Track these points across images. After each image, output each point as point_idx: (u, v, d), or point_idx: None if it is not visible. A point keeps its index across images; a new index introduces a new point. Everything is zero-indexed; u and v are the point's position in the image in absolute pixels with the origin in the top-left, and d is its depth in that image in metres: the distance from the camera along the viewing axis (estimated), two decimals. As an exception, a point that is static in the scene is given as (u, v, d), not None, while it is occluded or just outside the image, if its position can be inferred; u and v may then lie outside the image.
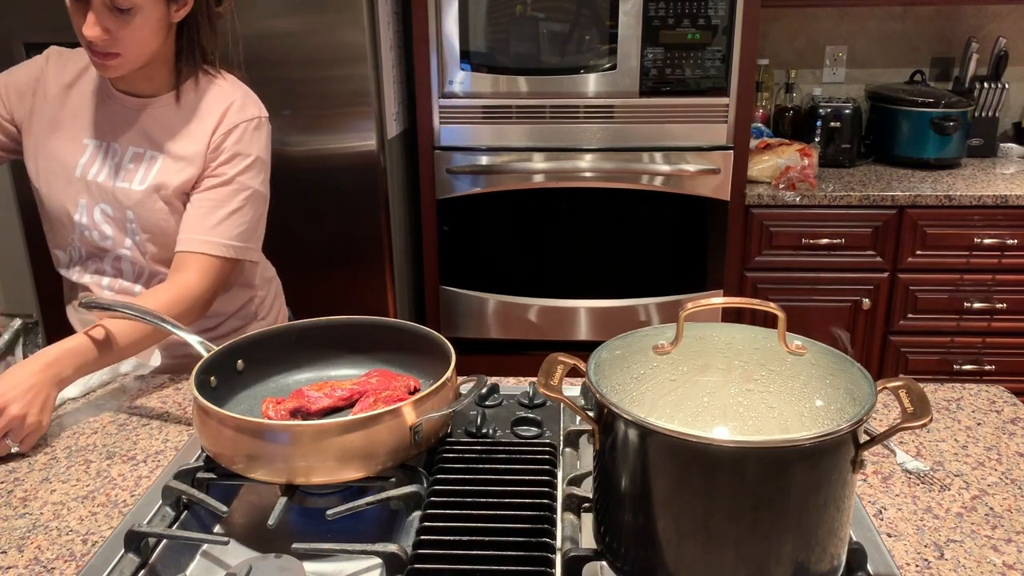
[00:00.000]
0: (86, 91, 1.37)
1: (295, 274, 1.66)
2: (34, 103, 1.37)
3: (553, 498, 0.93)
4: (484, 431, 1.07)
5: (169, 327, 1.16)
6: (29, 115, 1.37)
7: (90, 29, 1.21)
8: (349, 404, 1.09)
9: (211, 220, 1.34)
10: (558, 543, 0.87)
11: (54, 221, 1.40)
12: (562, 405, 1.09)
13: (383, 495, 0.92)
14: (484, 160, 2.42)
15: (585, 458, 1.05)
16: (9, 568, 0.89)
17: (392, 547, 0.83)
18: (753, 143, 2.57)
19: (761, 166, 2.54)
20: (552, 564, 0.83)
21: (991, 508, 0.98)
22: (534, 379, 1.25)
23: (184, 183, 1.34)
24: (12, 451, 1.11)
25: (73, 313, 1.49)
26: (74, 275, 1.43)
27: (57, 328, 2.42)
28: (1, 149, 1.41)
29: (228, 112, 1.36)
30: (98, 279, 1.42)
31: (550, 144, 2.39)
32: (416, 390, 1.09)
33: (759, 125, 2.80)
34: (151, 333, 1.26)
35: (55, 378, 1.16)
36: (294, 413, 1.05)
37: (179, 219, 1.36)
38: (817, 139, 2.73)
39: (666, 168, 2.37)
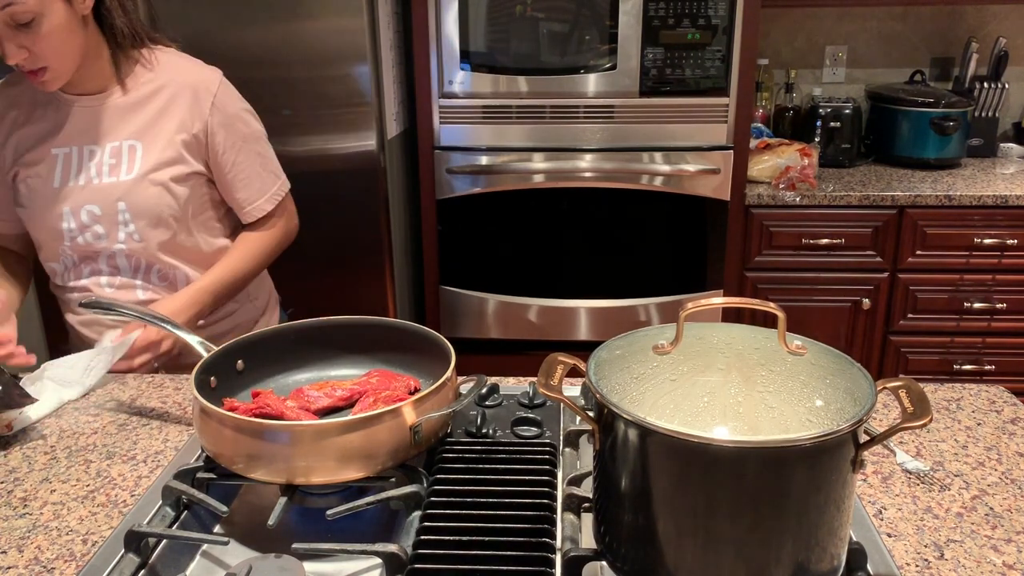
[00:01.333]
0: (33, 106, 1.38)
1: (295, 274, 1.66)
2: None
3: (553, 498, 0.93)
4: (484, 431, 1.07)
5: (168, 327, 1.16)
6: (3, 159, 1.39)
7: (13, 55, 1.23)
8: (349, 404, 1.09)
9: (259, 181, 1.45)
10: (558, 543, 0.87)
11: (43, 237, 1.41)
12: (562, 405, 1.09)
13: (383, 495, 0.92)
14: (484, 160, 2.42)
15: (585, 458, 1.05)
16: (9, 568, 0.89)
17: (392, 547, 0.83)
18: (753, 143, 2.57)
19: (761, 166, 2.54)
20: (552, 564, 0.83)
21: (991, 508, 0.98)
22: (534, 379, 1.25)
23: (171, 160, 1.37)
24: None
25: (74, 322, 1.49)
26: (71, 281, 1.44)
27: (57, 329, 2.42)
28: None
29: (198, 90, 1.39)
30: (96, 279, 1.42)
31: (550, 144, 2.39)
32: (416, 390, 1.09)
33: (759, 125, 2.80)
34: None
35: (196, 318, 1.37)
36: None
37: (172, 199, 1.37)
38: (817, 139, 2.73)
39: (666, 168, 2.37)
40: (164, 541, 0.90)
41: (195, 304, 1.39)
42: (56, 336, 2.44)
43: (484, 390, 1.17)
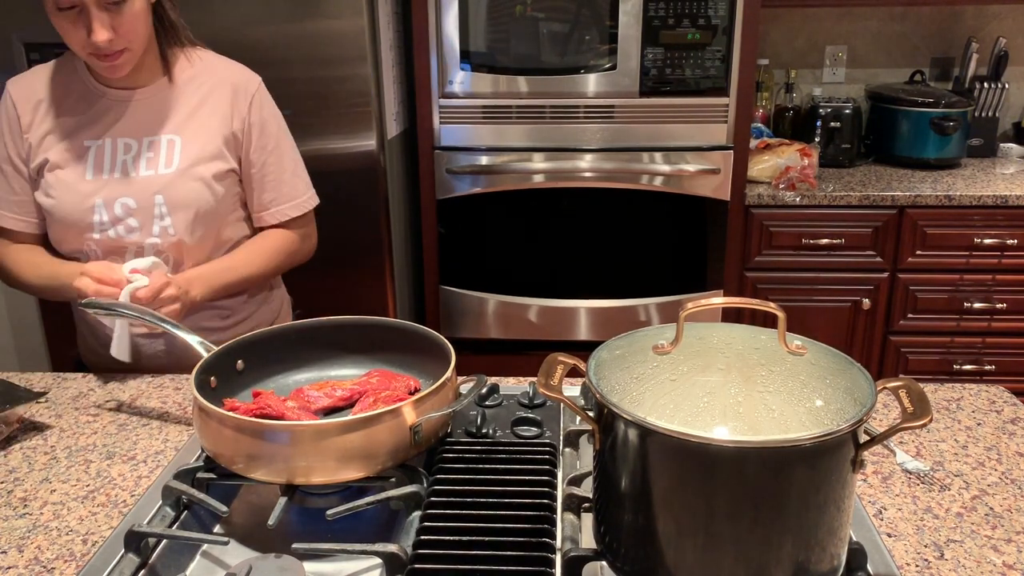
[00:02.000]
0: (67, 98, 1.38)
1: (295, 274, 1.66)
2: (26, 138, 1.37)
3: (553, 498, 0.93)
4: (484, 431, 1.07)
5: (168, 327, 1.16)
6: (28, 150, 1.38)
7: (100, 34, 1.22)
8: (349, 404, 1.09)
9: (286, 186, 1.47)
10: (558, 543, 0.87)
11: (66, 229, 1.38)
12: (562, 405, 1.09)
13: (383, 495, 0.92)
14: (484, 160, 2.42)
15: (585, 458, 1.05)
16: (9, 568, 0.89)
17: (392, 547, 0.83)
18: (753, 143, 2.57)
19: (761, 166, 2.54)
20: (552, 564, 0.83)
21: (991, 508, 0.98)
22: (534, 379, 1.25)
23: (211, 156, 1.38)
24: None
25: (89, 316, 1.46)
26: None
27: (57, 328, 2.43)
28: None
29: (238, 89, 1.41)
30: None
31: (550, 144, 2.39)
32: (416, 390, 1.09)
33: (759, 125, 2.80)
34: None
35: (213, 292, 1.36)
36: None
37: (211, 194, 1.38)
38: (817, 139, 2.73)
39: (666, 168, 2.37)
40: (164, 541, 0.90)
41: (216, 275, 1.39)
42: (56, 335, 2.44)
43: (484, 390, 1.17)
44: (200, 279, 1.35)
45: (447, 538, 0.85)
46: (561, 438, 1.08)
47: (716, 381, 0.76)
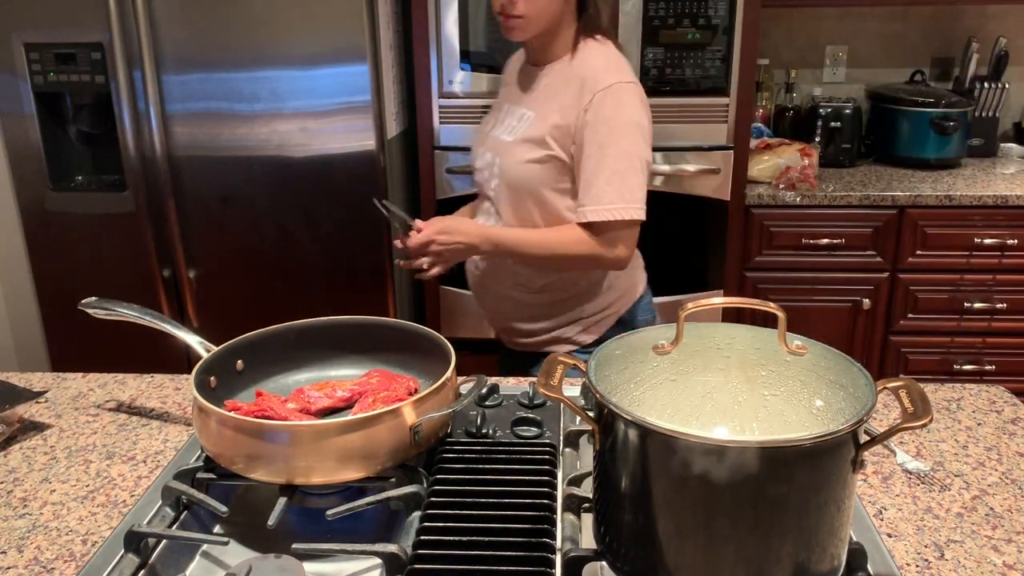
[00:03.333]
0: (514, 70, 1.65)
1: (295, 274, 1.66)
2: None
3: (553, 498, 0.93)
4: (484, 431, 1.07)
5: (169, 327, 1.16)
6: None
7: None
8: (349, 405, 1.09)
9: (596, 190, 1.47)
10: (558, 543, 0.87)
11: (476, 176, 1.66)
12: (562, 405, 1.09)
13: (383, 495, 0.92)
14: (484, 160, 2.41)
15: (585, 458, 1.05)
16: (9, 568, 0.89)
17: (392, 547, 0.83)
18: (753, 143, 2.57)
19: (761, 166, 2.53)
20: (552, 564, 0.83)
21: (991, 508, 0.98)
22: (534, 379, 1.25)
23: (537, 138, 1.50)
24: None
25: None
26: (479, 215, 1.66)
27: (57, 328, 2.43)
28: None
29: (585, 84, 1.47)
30: (485, 218, 1.64)
31: (550, 144, 2.39)
32: (415, 391, 1.09)
33: (759, 125, 2.80)
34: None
35: (484, 242, 1.52)
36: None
37: (524, 170, 1.52)
38: (817, 139, 2.73)
39: (666, 168, 2.37)
40: (164, 541, 0.90)
41: (505, 239, 1.52)
42: (56, 335, 2.44)
43: (484, 390, 1.17)
44: (490, 238, 1.51)
45: (447, 538, 0.85)
46: (561, 438, 1.08)
47: (716, 381, 0.76)
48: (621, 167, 1.46)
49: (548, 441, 1.05)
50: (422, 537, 0.86)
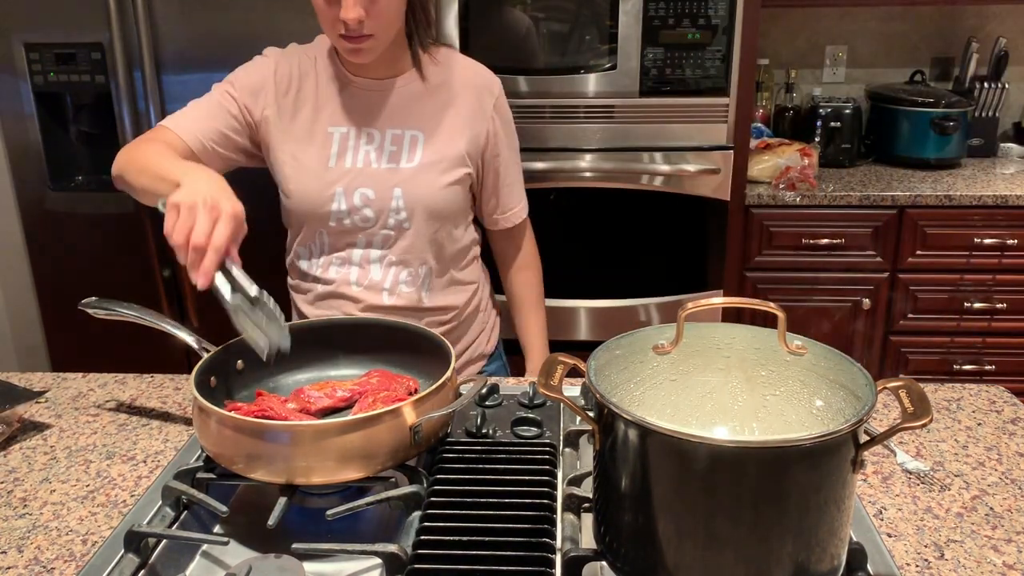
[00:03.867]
0: (319, 82, 1.38)
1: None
2: (267, 102, 1.36)
3: (553, 498, 0.93)
4: (484, 431, 1.07)
5: (169, 327, 1.16)
6: (264, 114, 1.37)
7: (350, 11, 1.22)
8: (349, 404, 1.09)
9: (519, 188, 1.51)
10: (558, 543, 0.87)
11: (303, 216, 1.38)
12: (562, 405, 1.09)
13: (383, 495, 0.92)
14: (484, 160, 2.42)
15: (585, 458, 1.05)
16: (9, 568, 0.89)
17: (392, 547, 0.83)
18: (753, 143, 2.57)
19: (761, 166, 2.53)
20: (552, 564, 0.83)
21: (991, 508, 0.98)
22: (534, 379, 1.25)
23: (454, 159, 1.37)
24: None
25: (307, 311, 1.45)
26: (316, 269, 1.42)
27: (57, 328, 2.43)
28: (238, 152, 1.38)
29: (482, 91, 1.41)
30: (346, 273, 1.40)
31: (550, 144, 2.39)
32: (415, 391, 1.09)
33: (759, 125, 2.80)
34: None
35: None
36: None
37: (449, 194, 1.38)
38: (817, 139, 2.73)
39: (666, 168, 2.37)
40: (164, 541, 0.90)
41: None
42: (56, 335, 2.44)
43: (484, 390, 1.17)
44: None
45: (447, 538, 0.85)
46: (561, 438, 1.08)
47: (716, 381, 0.76)
48: (519, 162, 1.51)
49: (548, 441, 1.05)
50: (422, 537, 0.86)
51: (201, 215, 1.01)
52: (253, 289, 1.02)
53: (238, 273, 1.02)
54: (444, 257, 1.43)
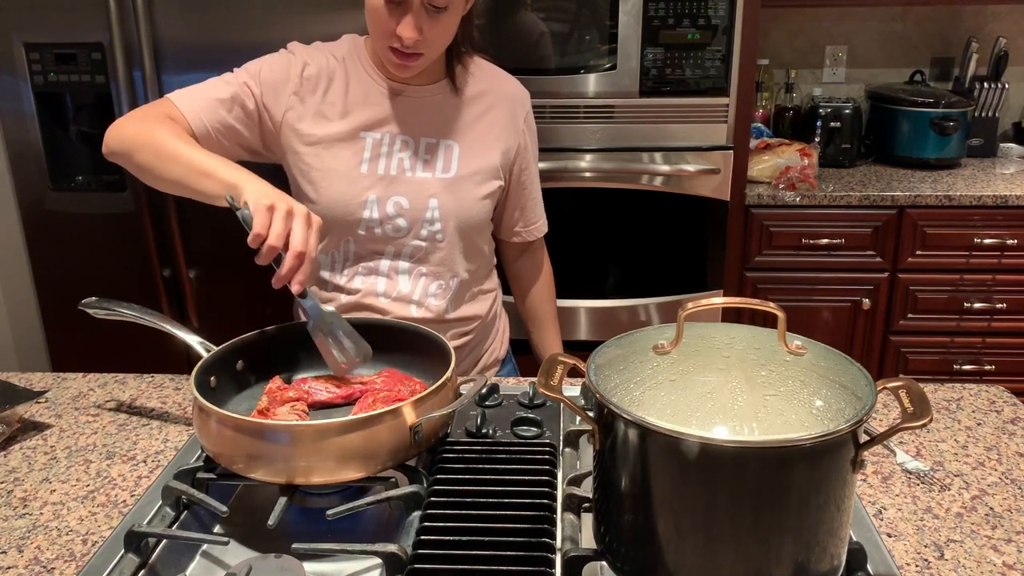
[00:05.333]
0: (349, 85, 1.33)
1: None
2: (292, 102, 1.31)
3: (553, 498, 0.93)
4: (484, 431, 1.07)
5: (169, 327, 1.16)
6: (285, 115, 1.31)
7: (408, 30, 1.20)
8: (349, 402, 1.09)
9: (541, 202, 1.51)
10: (558, 543, 0.87)
11: (330, 223, 1.30)
12: (562, 405, 1.09)
13: (383, 495, 0.92)
14: (484, 160, 2.41)
15: (585, 458, 1.05)
16: (9, 568, 0.89)
17: (392, 547, 0.83)
18: (753, 143, 2.57)
19: (761, 166, 2.53)
20: (552, 564, 0.83)
21: (991, 508, 0.98)
22: (534, 379, 1.25)
23: (488, 171, 1.36)
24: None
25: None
26: (339, 279, 1.36)
27: (57, 328, 2.43)
28: (241, 148, 1.32)
29: (515, 104, 1.42)
30: (372, 284, 1.35)
31: (550, 144, 2.39)
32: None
33: (759, 125, 2.80)
34: None
35: None
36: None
37: (482, 207, 1.37)
38: (817, 139, 2.73)
39: (666, 168, 2.37)
40: (164, 541, 0.90)
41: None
42: (56, 335, 2.44)
43: (484, 390, 1.17)
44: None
45: (447, 538, 0.85)
46: (561, 438, 1.08)
47: (716, 381, 0.76)
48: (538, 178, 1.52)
49: (548, 441, 1.05)
50: (422, 537, 0.86)
51: (298, 221, 1.02)
52: (328, 306, 1.08)
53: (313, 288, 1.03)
54: (473, 269, 1.41)
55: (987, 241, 2.42)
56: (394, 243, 1.34)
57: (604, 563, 0.83)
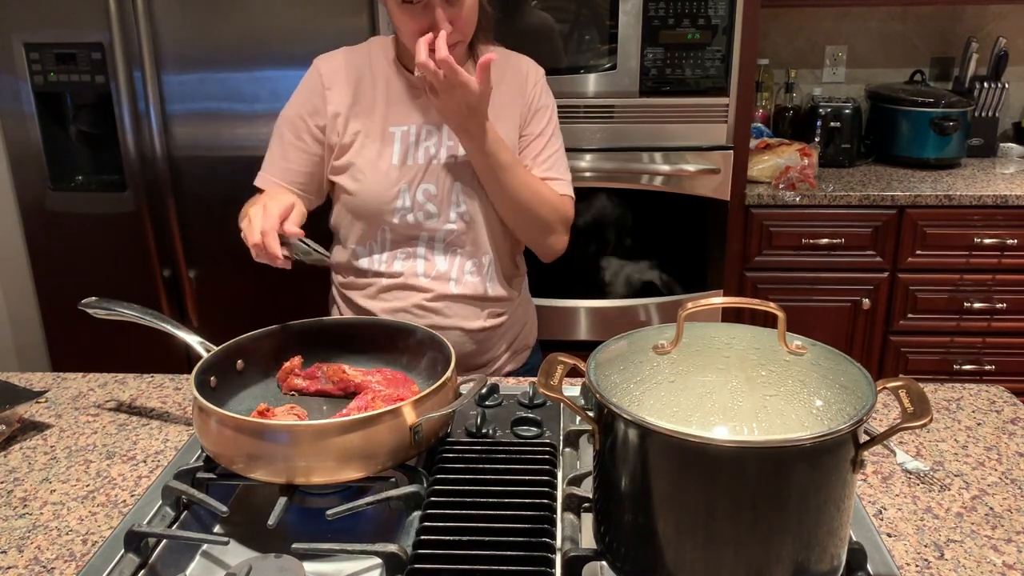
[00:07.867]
0: (376, 84, 1.40)
1: (295, 274, 1.66)
2: (327, 116, 1.39)
3: (553, 498, 0.93)
4: (484, 431, 1.07)
5: (169, 327, 1.16)
6: (324, 129, 1.40)
7: (445, 26, 1.25)
8: (347, 396, 1.09)
9: (561, 165, 1.48)
10: (558, 543, 0.87)
11: (366, 215, 1.39)
12: (562, 405, 1.09)
13: (383, 495, 0.92)
14: (484, 160, 2.41)
15: (585, 458, 1.05)
16: (9, 568, 0.89)
17: (392, 547, 0.83)
18: (753, 143, 2.57)
19: (761, 166, 2.53)
20: (552, 564, 0.83)
21: (991, 508, 0.98)
22: (534, 379, 1.25)
23: (512, 147, 1.40)
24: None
25: (374, 306, 1.44)
26: (379, 265, 1.42)
27: (57, 328, 2.43)
28: (322, 183, 1.44)
29: (525, 78, 1.44)
30: (412, 266, 1.41)
31: (550, 144, 2.39)
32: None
33: (759, 125, 2.80)
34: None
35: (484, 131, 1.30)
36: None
37: None
38: (817, 139, 2.73)
39: (666, 168, 2.37)
40: (164, 541, 0.90)
41: (499, 148, 1.41)
42: (56, 335, 2.44)
43: (484, 390, 1.17)
44: (495, 131, 1.34)
45: (447, 538, 0.85)
46: (561, 438, 1.08)
47: (716, 381, 0.76)
48: (562, 149, 1.50)
49: (548, 441, 1.05)
50: (422, 537, 0.86)
51: (256, 218, 1.17)
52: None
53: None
54: (503, 247, 1.46)
55: (987, 241, 2.42)
56: (427, 228, 1.39)
57: (604, 563, 0.83)
